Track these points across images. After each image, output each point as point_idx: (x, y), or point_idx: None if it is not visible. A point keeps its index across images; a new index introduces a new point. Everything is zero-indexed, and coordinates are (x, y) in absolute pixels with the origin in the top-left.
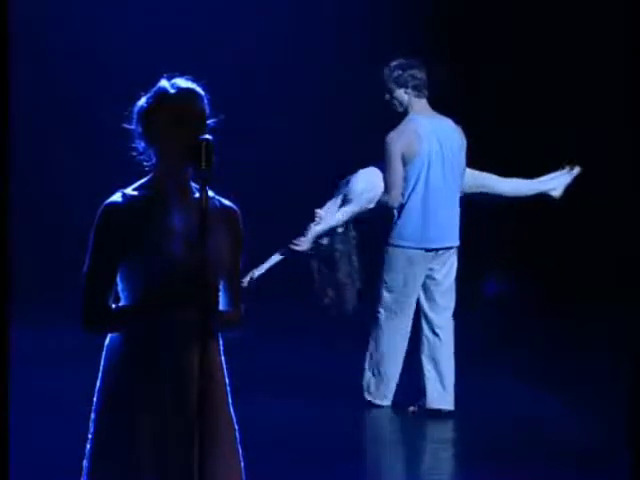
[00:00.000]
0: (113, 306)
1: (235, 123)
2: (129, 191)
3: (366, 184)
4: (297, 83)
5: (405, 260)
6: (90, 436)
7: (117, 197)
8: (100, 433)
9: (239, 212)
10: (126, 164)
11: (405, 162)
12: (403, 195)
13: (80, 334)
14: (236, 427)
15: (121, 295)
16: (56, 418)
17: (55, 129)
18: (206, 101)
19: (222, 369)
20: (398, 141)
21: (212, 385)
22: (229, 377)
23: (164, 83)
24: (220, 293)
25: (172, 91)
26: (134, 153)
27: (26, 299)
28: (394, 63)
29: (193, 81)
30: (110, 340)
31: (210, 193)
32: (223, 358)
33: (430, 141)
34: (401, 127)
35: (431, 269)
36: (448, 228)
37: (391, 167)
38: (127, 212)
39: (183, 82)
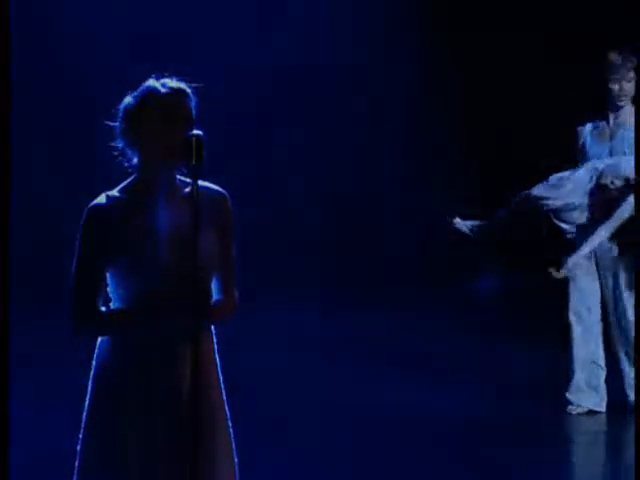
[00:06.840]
0: (103, 309)
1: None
2: (113, 193)
3: None
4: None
5: None
6: (80, 436)
7: (101, 199)
8: (90, 433)
9: (227, 196)
10: (123, 168)
11: None
12: None
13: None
14: (231, 426)
15: (112, 297)
16: (56, 417)
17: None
18: (194, 102)
19: (216, 368)
20: None
21: (206, 384)
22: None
23: (153, 82)
24: (212, 287)
25: (162, 90)
26: (115, 153)
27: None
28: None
29: (180, 82)
30: (101, 340)
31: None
32: (217, 356)
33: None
34: None
35: None
36: None
37: None
38: (111, 214)
39: (173, 82)
